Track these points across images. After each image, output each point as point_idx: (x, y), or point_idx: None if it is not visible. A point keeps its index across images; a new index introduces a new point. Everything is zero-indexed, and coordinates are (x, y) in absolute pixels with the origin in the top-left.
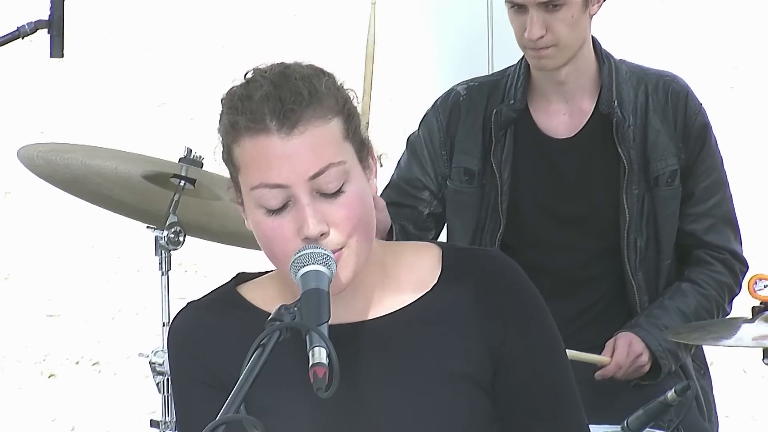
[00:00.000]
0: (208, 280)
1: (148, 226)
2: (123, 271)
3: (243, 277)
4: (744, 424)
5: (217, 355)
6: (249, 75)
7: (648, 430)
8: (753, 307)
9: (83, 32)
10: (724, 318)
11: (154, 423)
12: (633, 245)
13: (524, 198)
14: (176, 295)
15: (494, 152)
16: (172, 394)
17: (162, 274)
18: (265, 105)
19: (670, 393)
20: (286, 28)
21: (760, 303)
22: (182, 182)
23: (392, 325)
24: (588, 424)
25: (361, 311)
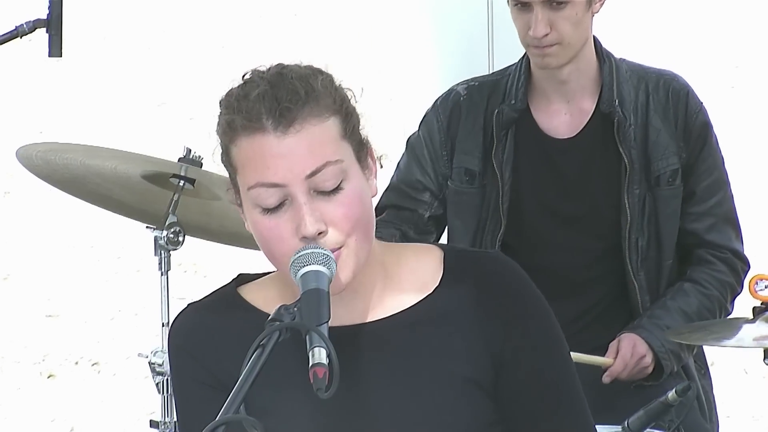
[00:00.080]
0: (208, 280)
1: (147, 226)
2: (122, 272)
3: (243, 279)
4: (745, 424)
5: (218, 356)
6: (247, 76)
7: (649, 430)
8: (754, 308)
9: (82, 31)
10: (726, 318)
11: (153, 423)
12: (634, 245)
13: (525, 198)
14: (176, 295)
15: (495, 152)
16: (173, 395)
17: (161, 275)
18: (262, 104)
19: (671, 393)
20: (286, 28)
21: (761, 303)
22: (182, 182)
23: (393, 327)
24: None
25: (361, 312)
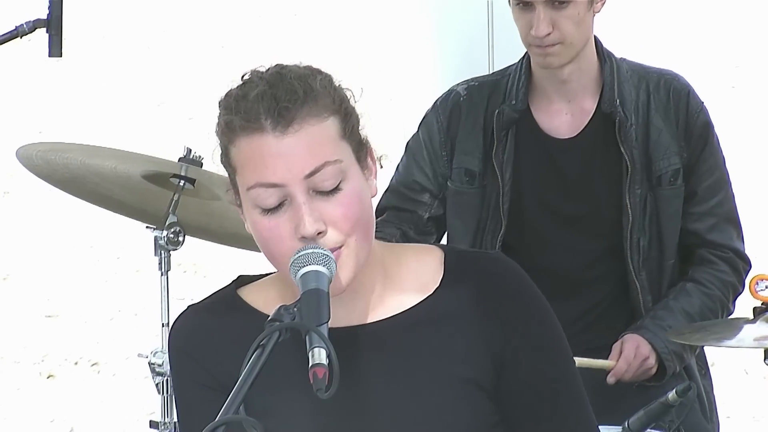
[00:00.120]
0: (208, 280)
1: (147, 226)
2: (122, 272)
3: (243, 280)
4: (745, 424)
5: (218, 358)
6: (246, 76)
7: (649, 431)
8: (754, 308)
9: (82, 31)
10: (727, 318)
11: (153, 424)
12: (636, 245)
13: (526, 198)
14: (175, 295)
15: (496, 153)
16: (173, 397)
17: (161, 275)
18: (260, 104)
19: (671, 394)
20: (286, 28)
21: (762, 303)
22: (182, 182)
23: (394, 328)
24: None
25: (361, 313)
